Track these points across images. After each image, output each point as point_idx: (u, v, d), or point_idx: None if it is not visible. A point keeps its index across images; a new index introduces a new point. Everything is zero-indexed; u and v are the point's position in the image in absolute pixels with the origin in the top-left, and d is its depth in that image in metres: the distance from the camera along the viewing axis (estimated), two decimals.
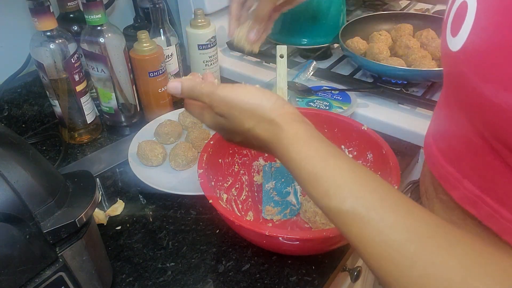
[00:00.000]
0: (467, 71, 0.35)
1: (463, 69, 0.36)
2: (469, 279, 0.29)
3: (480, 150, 0.39)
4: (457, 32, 0.37)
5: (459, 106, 0.40)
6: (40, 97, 0.88)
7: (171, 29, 0.91)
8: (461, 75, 0.36)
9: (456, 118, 0.42)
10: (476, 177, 0.41)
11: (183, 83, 0.49)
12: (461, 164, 0.43)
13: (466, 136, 0.41)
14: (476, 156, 0.40)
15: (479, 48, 0.34)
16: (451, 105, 0.43)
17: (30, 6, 0.70)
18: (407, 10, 1.26)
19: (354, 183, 0.36)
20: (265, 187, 0.71)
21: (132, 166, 0.75)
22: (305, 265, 0.61)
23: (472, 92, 0.35)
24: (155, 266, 0.61)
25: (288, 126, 0.41)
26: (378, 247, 0.33)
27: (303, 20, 1.04)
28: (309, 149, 0.39)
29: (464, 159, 0.42)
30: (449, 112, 0.45)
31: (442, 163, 0.46)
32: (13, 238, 0.40)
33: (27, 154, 0.45)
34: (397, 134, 0.83)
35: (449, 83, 0.43)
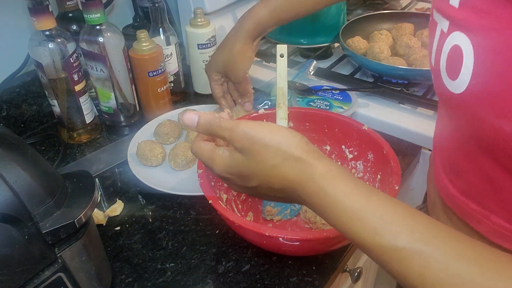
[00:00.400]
0: (480, 110, 0.35)
1: (474, 110, 0.36)
2: None
3: (502, 183, 0.39)
4: (456, 76, 0.37)
5: (475, 144, 0.40)
6: (39, 97, 0.88)
7: (170, 29, 0.90)
8: (474, 115, 0.36)
9: (473, 155, 0.42)
10: (503, 211, 0.41)
11: (201, 116, 0.44)
12: (484, 199, 0.43)
13: (486, 172, 0.40)
14: (500, 190, 0.40)
15: (488, 87, 0.34)
16: (465, 144, 0.43)
17: (29, 6, 0.70)
18: (408, 9, 1.26)
19: (404, 218, 0.34)
20: None
21: (132, 166, 0.75)
22: (305, 265, 0.60)
23: (490, 130, 0.35)
24: (155, 267, 0.61)
25: (319, 162, 0.38)
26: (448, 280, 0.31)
27: (303, 20, 1.03)
28: (347, 185, 0.37)
29: (487, 195, 0.42)
30: (462, 151, 0.44)
31: (464, 202, 0.46)
32: (12, 239, 0.40)
33: (26, 154, 0.44)
34: (397, 134, 0.83)
35: (459, 123, 0.42)
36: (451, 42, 0.37)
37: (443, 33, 0.39)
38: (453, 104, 0.40)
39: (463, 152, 0.44)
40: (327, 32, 1.05)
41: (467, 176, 0.45)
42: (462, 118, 0.39)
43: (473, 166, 0.43)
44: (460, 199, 0.46)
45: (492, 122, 0.34)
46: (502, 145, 0.35)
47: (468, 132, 0.41)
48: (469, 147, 0.42)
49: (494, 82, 0.33)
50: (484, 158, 0.40)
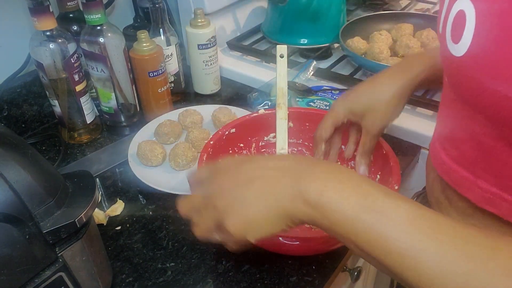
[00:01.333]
0: (477, 73, 0.37)
1: (472, 72, 0.37)
2: None
3: (492, 150, 0.40)
4: (458, 39, 0.38)
5: (470, 109, 0.41)
6: (40, 97, 0.88)
7: (171, 29, 0.91)
8: (471, 78, 0.38)
9: (466, 121, 0.43)
10: (491, 177, 0.42)
11: None
12: (474, 166, 0.44)
13: (478, 139, 0.42)
14: (489, 156, 0.41)
15: (486, 49, 0.35)
16: (459, 110, 0.44)
17: (30, 6, 0.70)
18: (407, 10, 1.26)
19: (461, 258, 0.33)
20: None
21: (132, 166, 0.75)
22: (305, 265, 0.60)
23: (484, 92, 0.36)
24: (155, 266, 0.61)
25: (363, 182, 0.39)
26: None
27: (303, 20, 1.04)
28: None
29: (476, 161, 0.43)
30: (456, 116, 0.46)
31: (455, 168, 0.47)
32: (13, 238, 0.40)
33: (27, 154, 0.44)
34: (397, 134, 0.83)
35: (456, 88, 0.43)
36: (457, 8, 0.39)
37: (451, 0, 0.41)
38: (453, 68, 0.41)
39: (458, 117, 0.45)
40: (327, 32, 1.05)
41: (459, 143, 0.46)
42: (460, 82, 0.41)
43: (466, 132, 0.44)
44: (451, 167, 0.47)
45: (488, 85, 0.36)
46: (496, 108, 0.36)
47: (464, 97, 0.42)
48: (464, 113, 0.43)
49: (492, 45, 0.35)
50: (477, 123, 0.41)
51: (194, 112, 0.86)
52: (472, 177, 0.44)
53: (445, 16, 0.42)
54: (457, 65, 0.40)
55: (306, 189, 0.37)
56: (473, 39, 0.37)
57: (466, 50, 0.37)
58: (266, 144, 0.74)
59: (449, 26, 0.41)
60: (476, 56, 0.37)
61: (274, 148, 0.71)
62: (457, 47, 0.39)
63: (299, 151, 0.74)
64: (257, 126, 0.73)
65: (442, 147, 0.50)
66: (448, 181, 0.49)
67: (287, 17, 1.05)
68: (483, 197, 0.43)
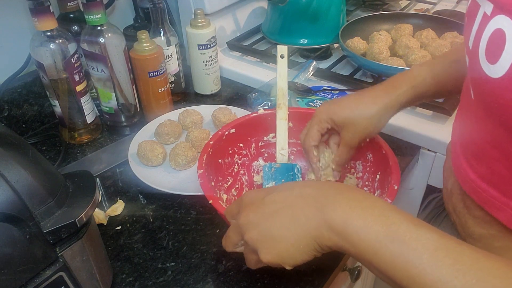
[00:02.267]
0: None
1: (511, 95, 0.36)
2: None
3: None
4: (496, 60, 0.37)
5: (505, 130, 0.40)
6: (40, 97, 0.88)
7: (171, 29, 0.91)
8: (509, 102, 0.36)
9: (498, 141, 0.42)
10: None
11: None
12: (505, 186, 0.43)
13: (510, 158, 0.41)
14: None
15: None
16: (489, 128, 0.43)
17: (30, 6, 0.70)
18: (407, 10, 1.26)
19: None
20: (265, 187, 0.71)
21: (132, 166, 0.75)
22: (305, 264, 0.60)
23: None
24: (155, 266, 0.61)
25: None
26: None
27: (303, 20, 1.04)
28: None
29: (509, 181, 0.42)
30: (485, 133, 0.44)
31: (484, 187, 0.46)
32: (13, 238, 0.40)
33: (27, 154, 0.45)
34: (397, 134, 0.83)
35: (489, 108, 0.42)
36: (494, 26, 0.37)
37: (486, 16, 0.39)
38: (487, 89, 0.40)
39: (490, 138, 0.44)
40: (327, 32, 1.06)
41: (490, 162, 0.44)
42: (495, 103, 0.39)
43: (498, 152, 0.42)
44: (479, 185, 0.46)
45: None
46: None
47: (498, 118, 0.40)
48: (497, 133, 0.42)
49: None
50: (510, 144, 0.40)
51: (194, 112, 0.86)
52: (503, 198, 0.43)
53: (478, 33, 0.40)
54: (492, 86, 0.38)
55: (331, 217, 0.39)
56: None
57: (505, 72, 0.36)
58: (265, 144, 0.74)
59: (483, 44, 0.39)
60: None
61: (274, 148, 0.71)
62: (494, 68, 0.37)
63: (298, 151, 0.74)
64: (257, 126, 0.73)
65: (468, 163, 0.48)
66: (476, 200, 0.47)
67: (287, 17, 1.05)
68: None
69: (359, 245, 0.37)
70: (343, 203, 0.39)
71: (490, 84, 0.38)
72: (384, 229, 0.36)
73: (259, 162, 0.75)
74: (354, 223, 0.37)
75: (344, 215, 0.38)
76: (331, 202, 0.39)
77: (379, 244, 0.36)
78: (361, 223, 0.37)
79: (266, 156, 0.75)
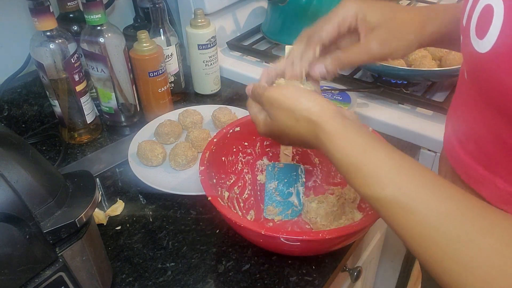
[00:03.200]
0: (501, 72, 0.36)
1: (496, 70, 0.36)
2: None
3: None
4: (484, 35, 0.37)
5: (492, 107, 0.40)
6: (40, 97, 0.88)
7: (171, 29, 0.91)
8: (494, 76, 0.37)
9: (487, 119, 0.42)
10: (510, 175, 0.41)
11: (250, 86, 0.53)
12: (492, 163, 0.43)
13: (497, 136, 0.41)
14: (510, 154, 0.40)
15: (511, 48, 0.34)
16: (480, 107, 0.43)
17: (30, 6, 0.70)
18: None
19: (392, 172, 0.37)
20: (267, 186, 0.71)
21: (132, 166, 0.75)
22: (305, 265, 0.61)
23: (508, 92, 0.35)
24: (155, 266, 0.61)
25: (326, 123, 0.43)
26: (420, 231, 0.34)
27: (303, 20, 1.04)
28: (346, 144, 0.41)
29: (496, 158, 0.42)
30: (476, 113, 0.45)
31: (471, 165, 0.46)
32: (13, 238, 0.40)
33: (27, 154, 0.45)
34: (397, 134, 0.83)
35: (477, 85, 0.42)
36: (484, 2, 0.38)
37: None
38: (476, 65, 0.40)
39: (479, 116, 0.44)
40: None
41: (479, 139, 0.45)
42: (483, 80, 0.39)
43: (487, 130, 0.43)
44: (467, 163, 0.46)
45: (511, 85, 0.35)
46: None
47: (487, 95, 0.41)
48: (486, 111, 0.42)
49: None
50: (498, 121, 0.40)
51: (194, 112, 0.86)
52: (490, 175, 0.43)
53: (471, 9, 0.40)
54: (480, 62, 0.38)
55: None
56: (500, 35, 0.35)
57: (491, 47, 0.36)
58: (271, 143, 0.74)
59: (474, 20, 0.39)
60: (501, 54, 0.35)
61: (279, 148, 0.71)
62: (482, 43, 0.37)
63: (303, 151, 0.74)
64: None
65: (458, 141, 0.49)
66: (464, 178, 0.48)
67: (287, 17, 1.05)
68: (500, 196, 0.42)
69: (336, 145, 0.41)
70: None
71: (479, 59, 0.38)
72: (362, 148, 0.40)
73: (263, 161, 0.75)
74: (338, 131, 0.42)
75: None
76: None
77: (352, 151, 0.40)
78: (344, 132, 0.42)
79: (271, 155, 0.75)
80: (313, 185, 0.74)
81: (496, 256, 0.31)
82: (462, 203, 0.34)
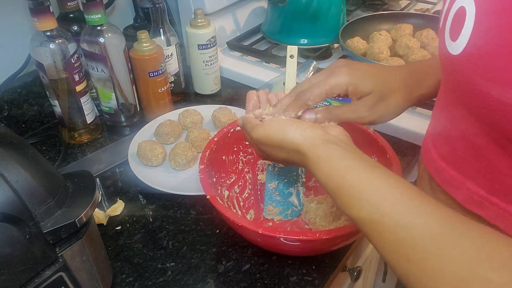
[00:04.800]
0: (472, 73, 0.36)
1: (467, 72, 0.37)
2: (477, 269, 0.30)
3: (484, 151, 0.40)
4: (457, 37, 0.38)
5: (463, 108, 0.41)
6: (40, 97, 0.88)
7: (171, 29, 0.91)
8: (465, 78, 0.37)
9: (459, 120, 0.43)
10: (481, 178, 0.42)
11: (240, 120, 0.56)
12: (463, 166, 0.44)
13: (469, 138, 0.41)
14: (480, 157, 0.41)
15: (482, 50, 0.35)
16: (453, 108, 0.44)
17: (30, 6, 0.70)
18: (407, 10, 1.26)
19: (369, 193, 0.39)
20: (267, 186, 0.71)
21: (132, 166, 0.75)
22: (305, 265, 0.61)
23: (478, 94, 0.36)
24: (155, 266, 0.61)
25: (310, 152, 0.45)
26: (394, 246, 0.36)
27: (303, 20, 1.04)
28: (329, 168, 0.43)
29: (467, 161, 0.43)
30: (449, 115, 0.45)
31: (444, 167, 0.47)
32: (13, 238, 0.40)
33: (27, 154, 0.45)
34: (397, 134, 0.83)
35: (451, 86, 0.43)
36: (459, 4, 0.38)
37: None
38: (449, 66, 0.41)
39: (451, 116, 0.45)
40: (327, 32, 1.05)
41: (451, 142, 0.46)
42: (455, 81, 0.40)
43: (458, 131, 0.43)
44: (440, 165, 0.47)
45: (481, 86, 0.35)
46: (488, 111, 0.36)
47: (458, 96, 0.41)
48: (457, 111, 0.43)
49: (488, 45, 0.34)
50: (469, 123, 0.41)
51: (194, 112, 0.86)
52: (461, 178, 0.44)
53: (446, 12, 0.41)
54: (453, 64, 0.39)
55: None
56: (471, 38, 0.36)
57: (463, 49, 0.37)
58: None
59: (449, 22, 0.40)
60: (471, 56, 0.36)
61: None
62: (455, 45, 0.38)
63: None
64: None
65: (433, 143, 0.50)
66: (437, 180, 0.48)
67: (287, 17, 1.05)
68: (471, 198, 0.43)
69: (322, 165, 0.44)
70: None
71: (451, 61, 0.39)
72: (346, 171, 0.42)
73: (264, 160, 0.75)
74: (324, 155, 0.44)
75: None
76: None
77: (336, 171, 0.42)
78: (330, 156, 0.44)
79: None
80: (314, 185, 0.74)
81: (461, 267, 0.31)
82: (433, 216, 0.35)
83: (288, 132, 0.48)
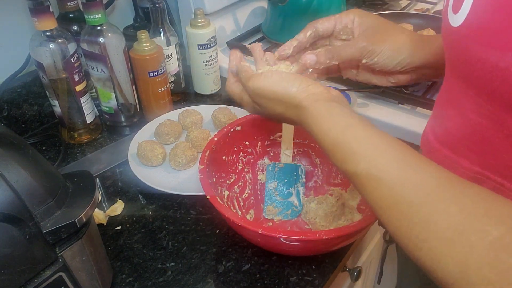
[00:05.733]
0: (471, 43, 0.37)
1: (466, 43, 0.37)
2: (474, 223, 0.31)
3: (478, 126, 0.40)
4: (458, 9, 0.39)
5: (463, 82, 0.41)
6: (40, 97, 0.88)
7: (171, 29, 0.91)
8: (465, 49, 0.38)
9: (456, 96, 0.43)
10: (474, 155, 0.42)
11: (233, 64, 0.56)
12: (457, 145, 0.45)
13: (464, 115, 0.42)
14: (474, 133, 0.41)
15: (481, 19, 0.35)
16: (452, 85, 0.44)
17: (30, 6, 0.70)
18: (407, 10, 1.26)
19: (367, 148, 0.39)
20: (267, 186, 0.71)
21: (132, 166, 0.75)
22: (305, 265, 0.60)
23: (477, 62, 0.36)
24: (155, 266, 0.61)
25: (311, 107, 0.45)
26: (389, 201, 0.36)
27: (303, 20, 1.03)
28: (328, 124, 0.43)
29: (461, 140, 0.44)
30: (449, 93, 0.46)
31: (437, 147, 0.47)
32: (13, 238, 0.40)
33: (27, 154, 0.44)
34: (397, 134, 0.83)
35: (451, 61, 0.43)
36: None
37: None
38: (450, 40, 0.41)
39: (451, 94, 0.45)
40: None
41: (447, 120, 0.46)
42: (455, 54, 0.41)
43: (454, 108, 0.44)
44: (434, 146, 0.48)
45: (480, 54, 0.36)
46: (486, 79, 0.36)
47: (457, 68, 0.42)
48: (456, 87, 0.43)
49: (487, 13, 0.35)
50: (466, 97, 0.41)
51: (194, 112, 0.86)
52: (454, 156, 0.45)
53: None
54: (454, 36, 0.39)
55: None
56: (471, 8, 0.37)
57: (463, 20, 0.37)
58: (272, 143, 0.74)
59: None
60: (471, 25, 0.37)
61: (279, 148, 0.71)
62: (456, 17, 0.39)
63: (304, 151, 0.74)
64: (264, 125, 0.73)
65: (430, 125, 0.51)
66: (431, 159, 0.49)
67: (287, 17, 1.05)
68: (466, 176, 0.43)
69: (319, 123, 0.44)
70: None
71: (453, 34, 0.40)
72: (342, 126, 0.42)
73: (264, 160, 0.75)
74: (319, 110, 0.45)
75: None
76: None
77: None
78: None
79: (272, 155, 0.75)
80: (314, 185, 0.74)
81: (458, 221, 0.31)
82: (430, 174, 0.35)
83: (291, 86, 0.47)
